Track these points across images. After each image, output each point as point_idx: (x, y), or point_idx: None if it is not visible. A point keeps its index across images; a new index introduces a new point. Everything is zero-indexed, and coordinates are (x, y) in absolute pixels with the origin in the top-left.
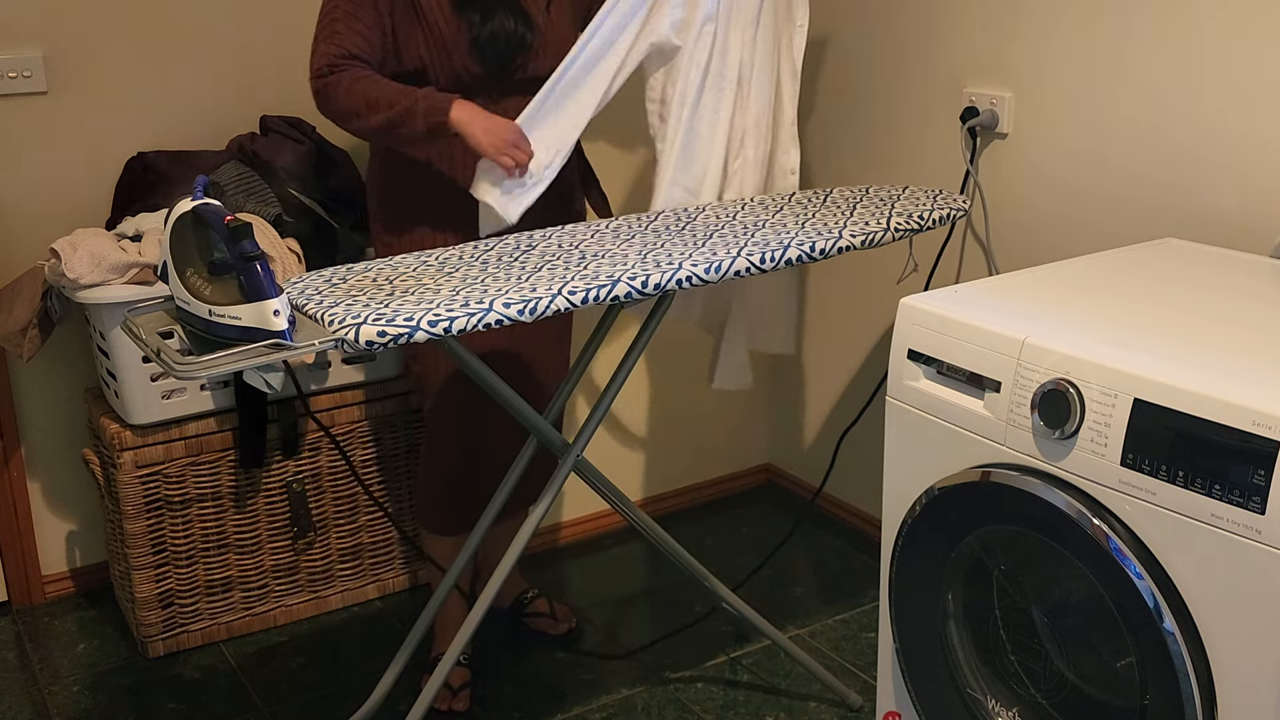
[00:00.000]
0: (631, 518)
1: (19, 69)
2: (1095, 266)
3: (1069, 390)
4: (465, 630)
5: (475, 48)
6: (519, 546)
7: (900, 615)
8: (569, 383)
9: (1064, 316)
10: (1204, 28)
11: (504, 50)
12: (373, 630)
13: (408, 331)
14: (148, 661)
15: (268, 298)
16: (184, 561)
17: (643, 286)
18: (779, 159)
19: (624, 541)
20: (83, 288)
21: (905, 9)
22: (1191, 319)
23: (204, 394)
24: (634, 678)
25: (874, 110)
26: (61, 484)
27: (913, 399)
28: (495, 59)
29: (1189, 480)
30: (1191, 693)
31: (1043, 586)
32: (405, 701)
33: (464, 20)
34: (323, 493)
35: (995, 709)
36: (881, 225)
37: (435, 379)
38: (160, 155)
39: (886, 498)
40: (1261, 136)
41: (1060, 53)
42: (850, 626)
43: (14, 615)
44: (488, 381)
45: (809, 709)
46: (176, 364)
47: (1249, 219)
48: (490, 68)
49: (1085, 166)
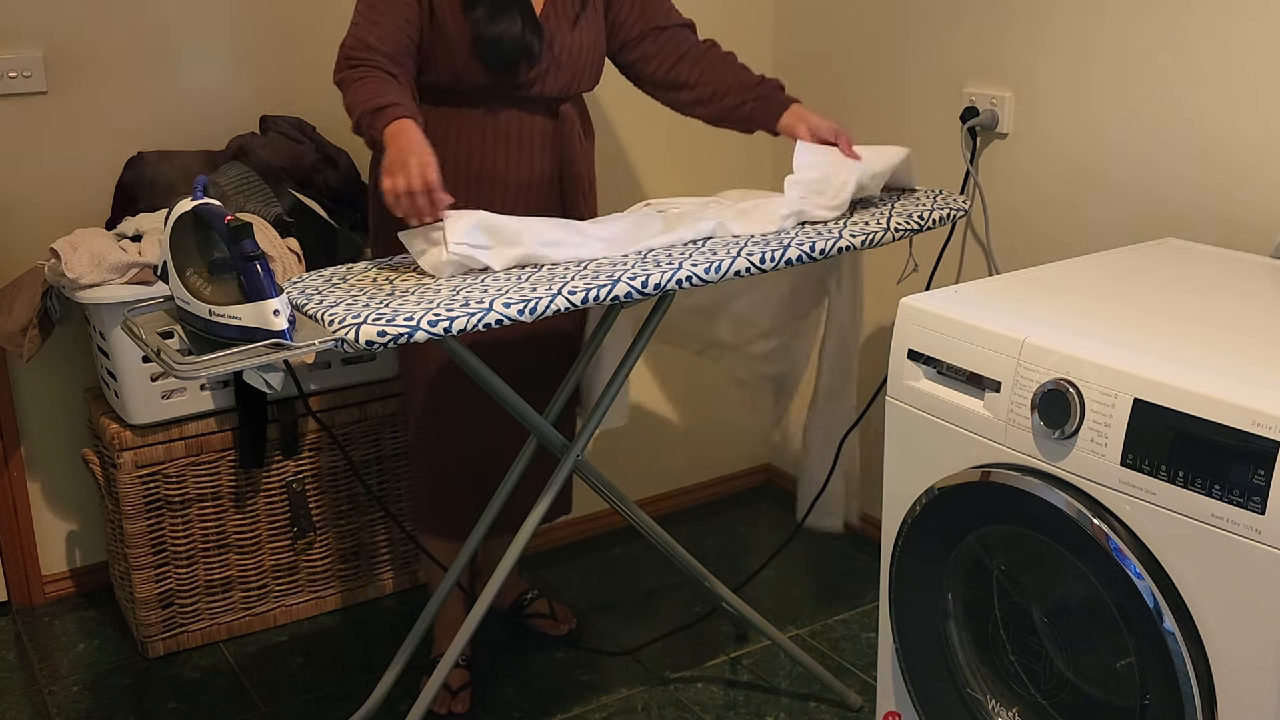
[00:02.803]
0: (631, 518)
1: (19, 69)
2: (1095, 266)
3: (1069, 390)
4: (464, 633)
5: (477, 48)
6: (519, 546)
7: (900, 615)
8: (569, 383)
9: (1064, 316)
10: (1204, 28)
11: (508, 55)
12: (373, 630)
13: (408, 331)
14: (148, 661)
15: (268, 298)
16: (184, 561)
17: (643, 286)
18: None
19: (624, 541)
20: (83, 288)
21: (905, 9)
22: (1192, 319)
23: (204, 394)
24: (634, 678)
25: (874, 110)
26: (61, 484)
27: (913, 399)
28: (498, 63)
29: (1189, 480)
30: (1191, 693)
31: (1043, 586)
32: (405, 702)
33: (469, 18)
34: (323, 493)
35: (995, 709)
36: (881, 225)
37: (423, 380)
38: (160, 155)
39: (886, 498)
40: (1261, 136)
41: (1061, 53)
42: (850, 626)
43: (14, 615)
44: (487, 381)
45: (809, 709)
46: (176, 364)
47: (1249, 219)
48: (492, 73)
49: (1085, 166)
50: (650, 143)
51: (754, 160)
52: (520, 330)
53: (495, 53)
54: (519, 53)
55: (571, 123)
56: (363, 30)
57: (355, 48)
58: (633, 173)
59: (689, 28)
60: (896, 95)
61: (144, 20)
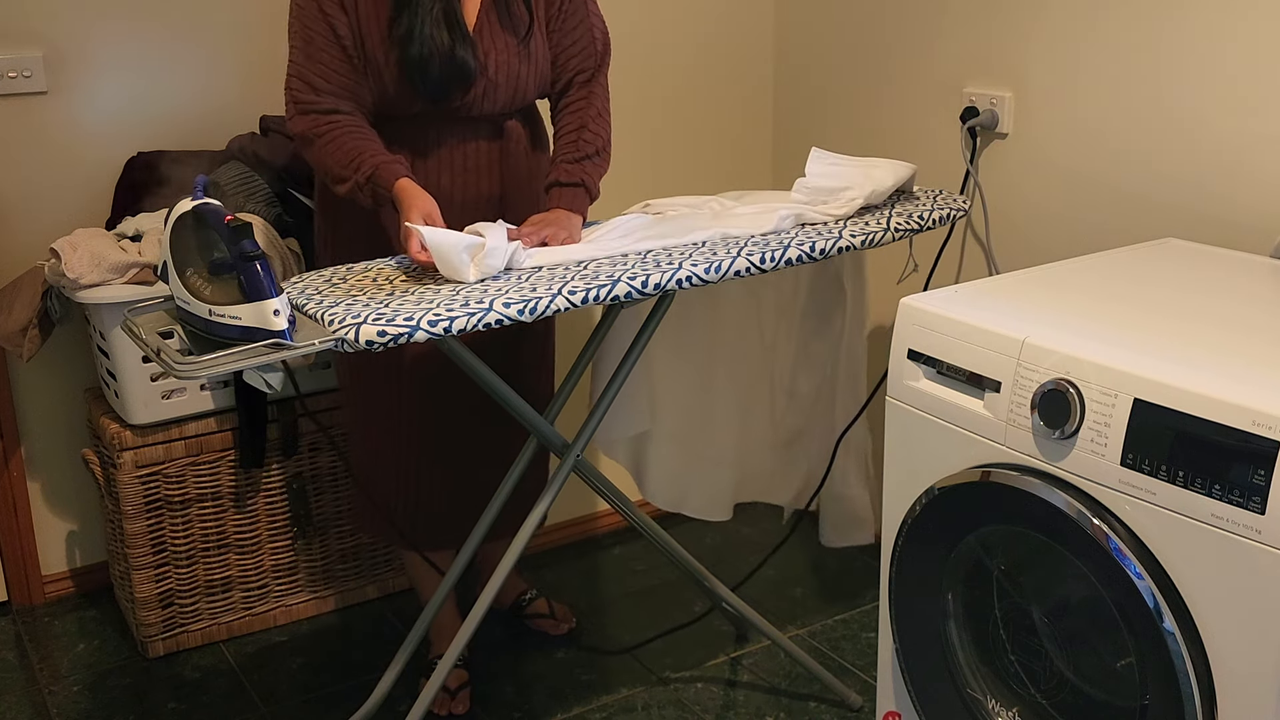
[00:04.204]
0: (631, 518)
1: (19, 69)
2: (1095, 266)
3: (1069, 390)
4: (462, 634)
5: (406, 73)
6: (518, 547)
7: (900, 615)
8: (569, 383)
9: (1064, 316)
10: (1205, 28)
11: (438, 79)
12: (373, 630)
13: (408, 331)
14: (148, 661)
15: (268, 297)
16: (184, 561)
17: (643, 286)
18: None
19: (624, 541)
20: (83, 288)
21: (906, 9)
22: (1192, 319)
23: (204, 394)
24: (634, 678)
25: (874, 110)
26: (61, 484)
27: (913, 399)
28: (426, 89)
29: (1189, 480)
30: (1191, 693)
31: (1043, 586)
32: (405, 702)
33: (394, 40)
34: (322, 493)
35: (995, 709)
36: (881, 225)
37: (366, 391)
38: (160, 155)
39: (886, 498)
40: (1261, 136)
41: (1060, 53)
42: (850, 626)
43: (14, 615)
44: (487, 381)
45: (809, 709)
46: (176, 364)
47: (1249, 219)
48: (426, 99)
49: (1085, 166)
50: (649, 142)
51: (754, 160)
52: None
53: (423, 77)
54: (452, 75)
55: (517, 138)
56: (305, 70)
57: (303, 91)
58: (632, 173)
59: (591, 73)
60: (896, 95)
61: (144, 21)
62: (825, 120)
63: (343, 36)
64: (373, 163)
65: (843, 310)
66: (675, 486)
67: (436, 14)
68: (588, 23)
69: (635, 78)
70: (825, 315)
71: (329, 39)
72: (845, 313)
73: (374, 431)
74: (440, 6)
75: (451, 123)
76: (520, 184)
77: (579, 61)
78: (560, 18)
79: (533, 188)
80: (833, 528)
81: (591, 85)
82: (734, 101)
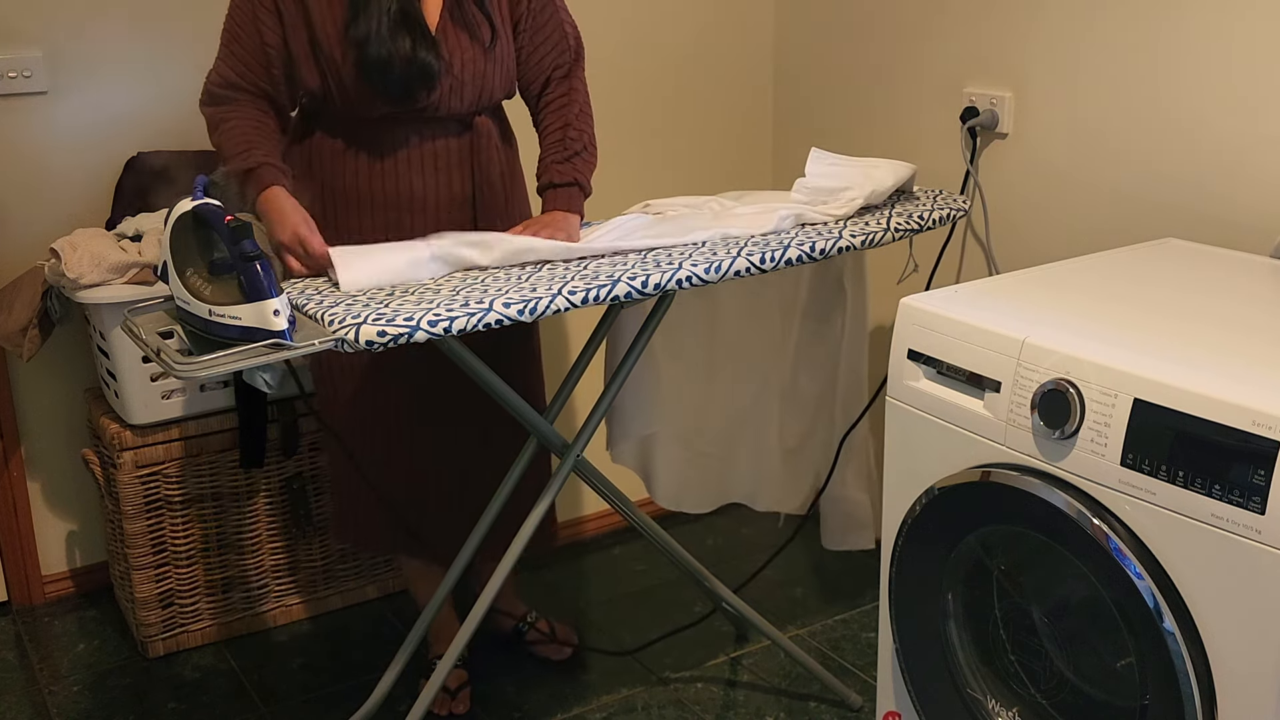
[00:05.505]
0: (631, 518)
1: (19, 69)
2: (1095, 266)
3: (1069, 390)
4: (462, 635)
5: (364, 74)
6: (518, 547)
7: (900, 615)
8: (569, 383)
9: (1064, 316)
10: (1205, 28)
11: (399, 80)
12: (373, 630)
13: (408, 331)
14: (148, 661)
15: (268, 298)
16: (184, 561)
17: (643, 286)
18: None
19: (624, 541)
20: (83, 288)
21: (905, 9)
22: (1192, 319)
23: (204, 394)
24: (634, 678)
25: (874, 110)
26: (61, 484)
27: (913, 399)
28: (386, 90)
29: (1189, 480)
30: (1191, 693)
31: (1043, 586)
32: (405, 702)
33: (351, 41)
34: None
35: (995, 709)
36: (881, 225)
37: (343, 397)
38: (160, 155)
39: (886, 498)
40: (1261, 136)
41: (1060, 53)
42: (850, 626)
43: (14, 615)
44: (487, 381)
45: (809, 709)
46: (176, 364)
47: (1249, 219)
48: (388, 101)
49: (1085, 166)
50: (649, 143)
51: (754, 160)
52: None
53: (383, 80)
54: (413, 77)
55: (487, 134)
56: (222, 63)
57: (216, 84)
58: (632, 173)
59: (568, 69)
60: (897, 95)
61: (143, 20)
62: (825, 120)
63: (270, 44)
64: (257, 158)
65: (843, 310)
66: (683, 487)
67: (395, 14)
68: (558, 18)
69: (635, 78)
70: (825, 315)
71: (255, 43)
72: (846, 313)
73: (373, 435)
74: (398, 6)
75: (419, 123)
76: (492, 183)
77: (554, 58)
78: (529, 16)
79: (505, 186)
80: (833, 530)
81: (570, 80)
82: (734, 101)
